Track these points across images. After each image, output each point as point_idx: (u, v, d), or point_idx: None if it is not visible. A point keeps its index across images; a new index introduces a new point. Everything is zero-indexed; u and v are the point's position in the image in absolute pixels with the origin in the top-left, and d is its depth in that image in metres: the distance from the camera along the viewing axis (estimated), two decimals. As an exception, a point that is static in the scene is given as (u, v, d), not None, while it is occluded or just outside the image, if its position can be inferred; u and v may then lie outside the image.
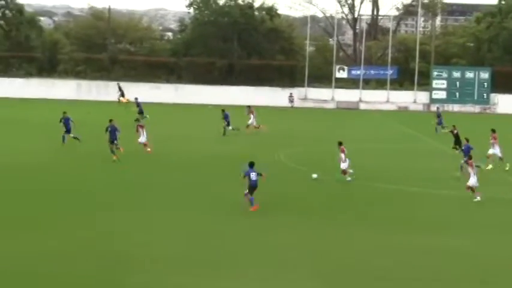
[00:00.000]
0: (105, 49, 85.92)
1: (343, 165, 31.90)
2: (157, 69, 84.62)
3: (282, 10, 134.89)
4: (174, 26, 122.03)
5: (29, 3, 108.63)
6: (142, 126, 39.29)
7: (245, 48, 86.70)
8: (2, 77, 78.99)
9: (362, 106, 79.81)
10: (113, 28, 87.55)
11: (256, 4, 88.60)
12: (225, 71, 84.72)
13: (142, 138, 38.77)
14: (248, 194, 25.70)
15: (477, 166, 29.04)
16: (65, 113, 41.38)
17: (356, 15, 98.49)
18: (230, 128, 48.35)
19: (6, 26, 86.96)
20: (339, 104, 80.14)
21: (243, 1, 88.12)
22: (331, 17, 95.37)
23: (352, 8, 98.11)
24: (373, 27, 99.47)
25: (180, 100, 75.44)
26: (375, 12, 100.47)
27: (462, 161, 33.03)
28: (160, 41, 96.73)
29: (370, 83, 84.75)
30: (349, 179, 31.84)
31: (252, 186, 25.75)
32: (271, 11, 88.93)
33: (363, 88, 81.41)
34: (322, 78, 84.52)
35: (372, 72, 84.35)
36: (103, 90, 77.68)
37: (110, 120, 36.87)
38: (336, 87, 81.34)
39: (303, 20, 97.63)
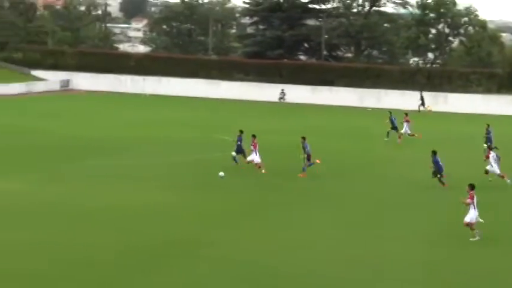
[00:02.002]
0: None
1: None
2: None
3: None
4: None
5: (491, 20, 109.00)
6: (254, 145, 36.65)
7: None
8: (461, 92, 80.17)
9: None
10: None
11: None
12: None
13: (255, 157, 36.50)
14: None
15: None
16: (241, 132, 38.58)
17: None
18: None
19: (468, 43, 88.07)
20: None
21: None
22: None
23: None
24: None
25: None
26: None
27: None
28: None
29: None
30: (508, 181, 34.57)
31: (440, 170, 33.39)
32: None
33: None
34: None
35: None
36: None
37: (303, 138, 36.15)
38: None
39: None
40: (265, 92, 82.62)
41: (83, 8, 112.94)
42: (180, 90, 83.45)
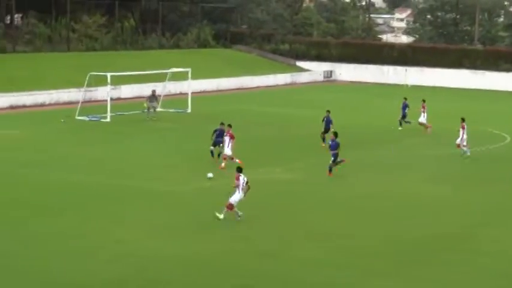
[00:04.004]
0: None
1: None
2: None
3: None
4: None
5: None
6: (231, 136, 32.74)
7: None
8: None
9: None
10: None
11: None
12: None
13: (227, 150, 32.83)
14: None
15: None
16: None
17: None
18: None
19: None
20: None
21: None
22: None
23: None
24: None
25: None
26: None
27: None
28: None
29: None
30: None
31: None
32: None
33: None
34: None
35: None
36: None
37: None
38: None
39: None
40: (534, 83, 78.89)
41: (347, 0, 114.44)
42: (443, 81, 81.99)
